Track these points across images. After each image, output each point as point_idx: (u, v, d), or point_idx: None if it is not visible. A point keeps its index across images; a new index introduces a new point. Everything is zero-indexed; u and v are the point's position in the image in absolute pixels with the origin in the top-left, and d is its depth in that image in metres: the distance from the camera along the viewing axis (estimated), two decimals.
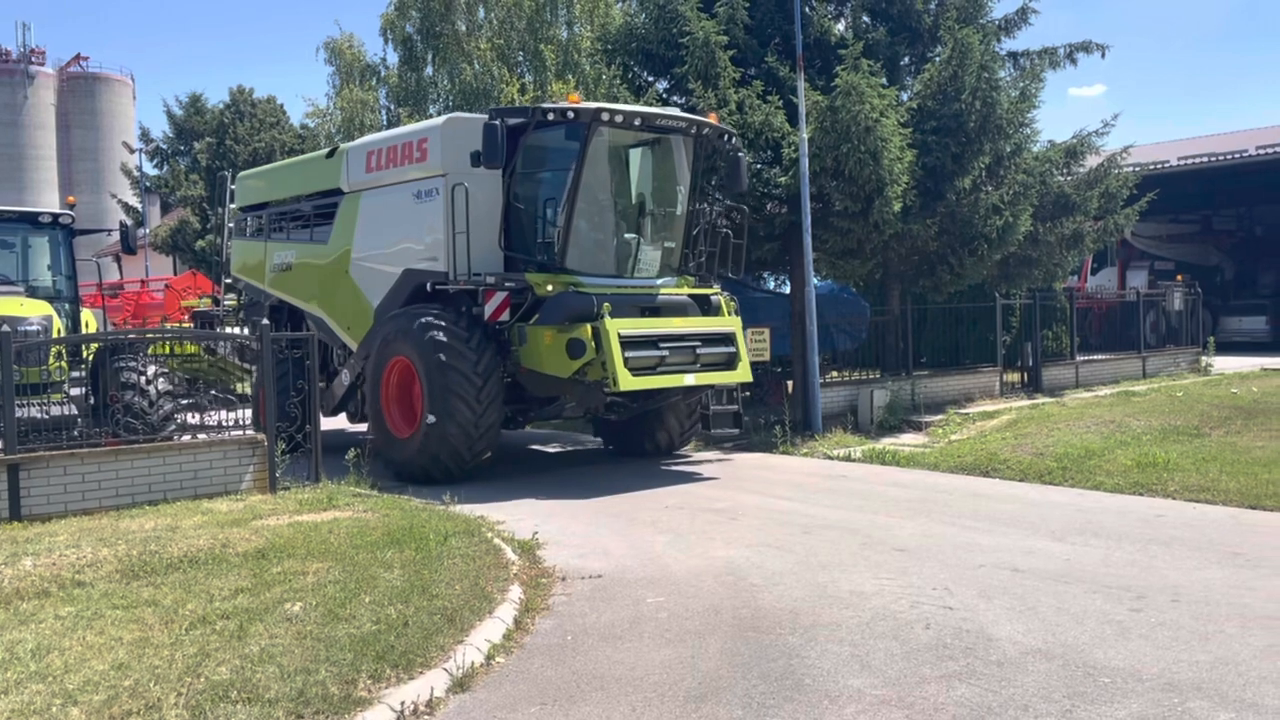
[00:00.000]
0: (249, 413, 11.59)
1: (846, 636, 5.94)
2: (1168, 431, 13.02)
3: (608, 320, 10.87)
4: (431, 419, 11.14)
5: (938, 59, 16.04)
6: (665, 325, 11.64)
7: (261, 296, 15.26)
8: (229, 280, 16.88)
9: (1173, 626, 5.98)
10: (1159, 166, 26.67)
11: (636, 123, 11.84)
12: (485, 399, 11.09)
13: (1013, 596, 6.64)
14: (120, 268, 23.60)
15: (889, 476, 11.64)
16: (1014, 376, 18.54)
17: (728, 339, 12.05)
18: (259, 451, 10.32)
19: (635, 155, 12.60)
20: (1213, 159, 28.62)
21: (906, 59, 17.50)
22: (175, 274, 34.97)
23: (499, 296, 11.36)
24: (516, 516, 9.43)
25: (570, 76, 30.33)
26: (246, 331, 15.04)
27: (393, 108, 35.66)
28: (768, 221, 15.06)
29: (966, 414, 15.67)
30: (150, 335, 15.08)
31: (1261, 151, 27.78)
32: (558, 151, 11.84)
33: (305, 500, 9.72)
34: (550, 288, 11.33)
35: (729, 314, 12.64)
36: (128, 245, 13.96)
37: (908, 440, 14.25)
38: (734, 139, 13.13)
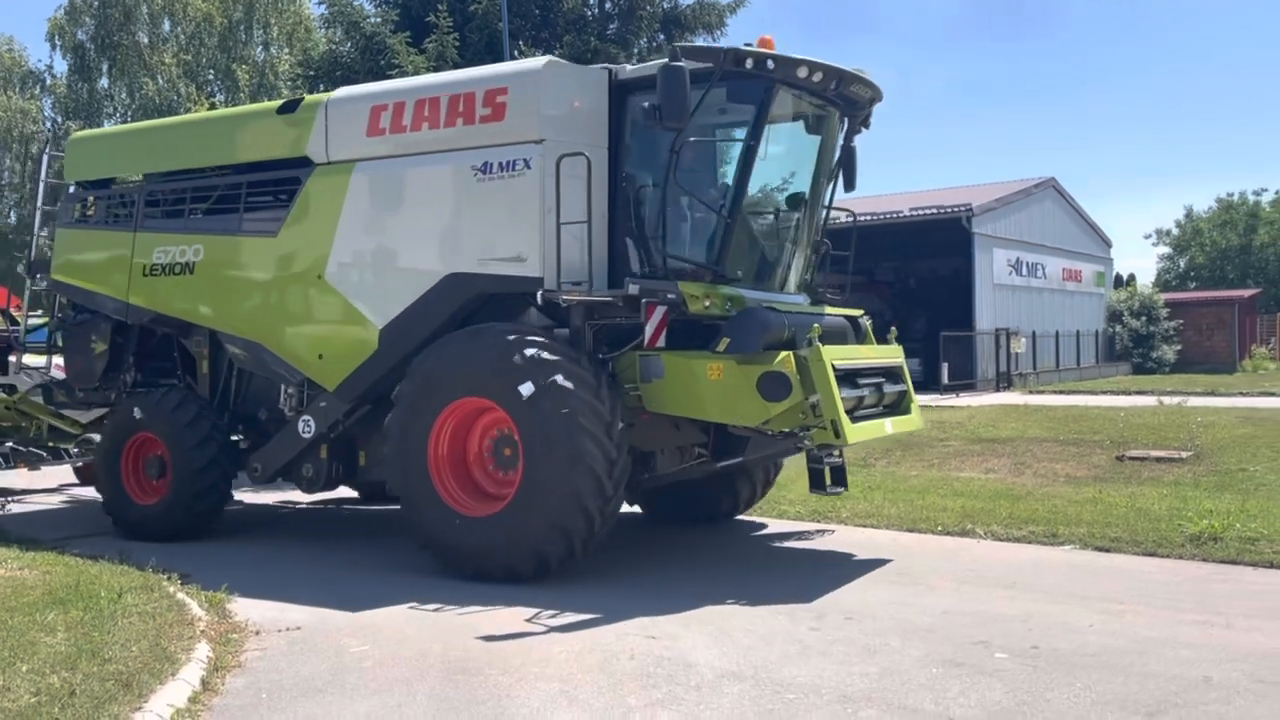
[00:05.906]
0: None
1: (556, 672, 6.01)
2: None
3: (821, 348, 8.13)
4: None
5: None
6: (856, 356, 9.21)
7: (107, 308, 10.99)
8: (37, 287, 12.34)
9: (846, 642, 6.56)
10: (833, 222, 29.49)
11: (833, 85, 9.04)
12: (615, 438, 8.15)
13: (709, 624, 7.01)
14: None
15: None
16: None
17: (898, 374, 9.63)
18: None
19: (792, 131, 9.86)
20: (875, 217, 32.01)
21: None
22: None
23: (659, 312, 8.38)
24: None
25: (267, 100, 29.01)
26: (61, 360, 11.46)
27: (60, 119, 32.65)
28: None
29: None
30: None
31: (913, 212, 31.51)
32: (725, 116, 9.12)
33: None
34: (708, 303, 8.50)
35: (875, 341, 10.19)
36: None
37: None
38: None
